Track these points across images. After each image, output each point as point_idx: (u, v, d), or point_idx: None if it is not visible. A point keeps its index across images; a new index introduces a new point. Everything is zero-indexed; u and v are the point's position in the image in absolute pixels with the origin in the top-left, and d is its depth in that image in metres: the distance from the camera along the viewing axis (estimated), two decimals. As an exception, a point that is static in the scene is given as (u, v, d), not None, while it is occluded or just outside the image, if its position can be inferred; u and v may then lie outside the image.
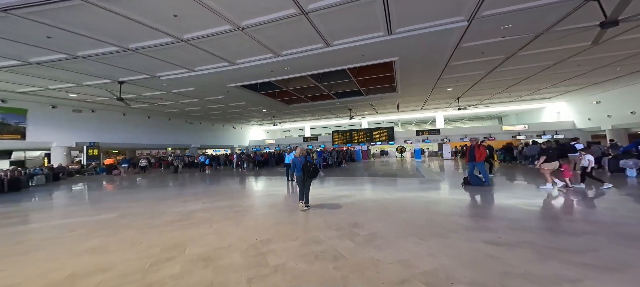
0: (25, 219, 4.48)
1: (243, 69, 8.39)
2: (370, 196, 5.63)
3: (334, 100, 15.22)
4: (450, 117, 23.24)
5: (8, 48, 5.94)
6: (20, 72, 7.64)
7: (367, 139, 22.94)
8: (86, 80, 8.86)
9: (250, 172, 12.69)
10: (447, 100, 16.03)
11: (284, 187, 7.52)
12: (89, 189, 8.26)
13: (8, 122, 11.15)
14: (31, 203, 6.18)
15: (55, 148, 13.31)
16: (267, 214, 4.31)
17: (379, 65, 9.26)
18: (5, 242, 3.33)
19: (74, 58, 6.72)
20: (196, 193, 6.78)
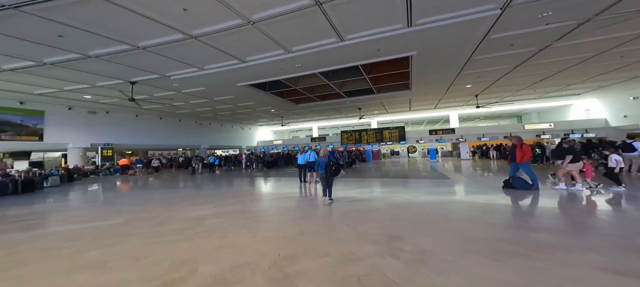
0: (26, 225, 4.20)
1: (252, 67, 8.18)
2: (397, 200, 5.12)
3: (344, 99, 14.85)
4: (464, 116, 22.31)
5: (22, 48, 5.96)
6: (36, 73, 7.74)
7: (377, 139, 22.37)
8: (99, 81, 8.92)
9: (259, 173, 12.49)
10: (464, 98, 15.29)
11: (297, 188, 7.20)
12: (99, 191, 8.20)
13: (26, 123, 11.47)
14: (39, 206, 5.98)
15: (72, 149, 13.63)
16: (285, 221, 3.93)
17: (394, 61, 8.84)
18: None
19: (86, 58, 6.70)
20: (207, 195, 6.53)
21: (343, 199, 5.43)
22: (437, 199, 5.14)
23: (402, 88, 12.97)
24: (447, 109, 19.68)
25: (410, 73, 10.07)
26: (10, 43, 5.61)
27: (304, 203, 5.26)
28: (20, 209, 5.55)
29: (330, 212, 4.34)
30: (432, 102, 16.63)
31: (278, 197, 5.98)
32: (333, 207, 4.62)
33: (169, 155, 22.08)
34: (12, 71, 7.40)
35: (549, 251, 2.49)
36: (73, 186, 9.81)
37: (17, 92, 9.89)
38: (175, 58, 7.20)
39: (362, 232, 3.26)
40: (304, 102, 15.62)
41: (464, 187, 6.58)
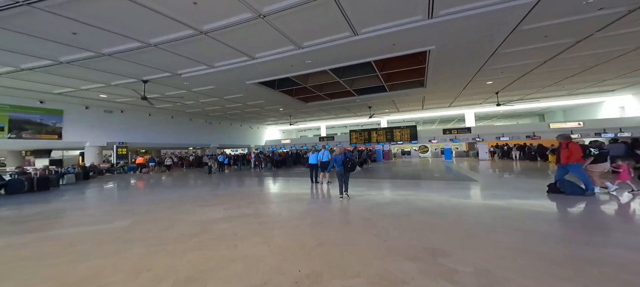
0: (27, 227, 3.97)
1: (262, 63, 8.02)
2: (424, 205, 4.66)
3: (354, 97, 14.48)
4: (480, 115, 21.34)
5: (39, 47, 6.05)
6: (54, 72, 7.92)
7: (387, 138, 21.80)
8: (113, 80, 9.05)
9: (268, 173, 12.36)
10: (483, 96, 14.52)
11: (309, 189, 6.93)
12: (111, 190, 8.24)
13: (46, 122, 11.89)
14: (48, 205, 5.81)
15: (89, 147, 14.05)
16: (301, 227, 3.57)
17: (409, 56, 8.42)
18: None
19: (100, 56, 6.75)
20: (216, 196, 6.32)
21: (361, 202, 5.08)
22: (471, 204, 4.68)
23: (415, 85, 12.46)
24: (463, 107, 18.85)
25: (426, 69, 9.60)
26: (27, 41, 5.69)
27: (318, 206, 4.95)
28: (28, 209, 5.47)
29: (350, 217, 4.02)
30: (447, 100, 15.94)
31: (290, 199, 5.68)
32: (351, 211, 4.34)
33: (180, 154, 22.52)
34: (30, 70, 7.59)
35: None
36: (88, 184, 10.02)
37: (37, 92, 10.23)
38: (185, 55, 7.14)
39: (394, 244, 2.85)
40: (313, 100, 15.39)
41: (498, 190, 5.95)
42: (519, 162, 14.10)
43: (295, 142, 27.02)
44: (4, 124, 10.59)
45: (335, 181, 7.88)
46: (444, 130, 20.23)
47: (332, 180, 7.27)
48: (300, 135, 32.99)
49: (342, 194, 5.39)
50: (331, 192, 6.28)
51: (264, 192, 6.74)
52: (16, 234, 3.63)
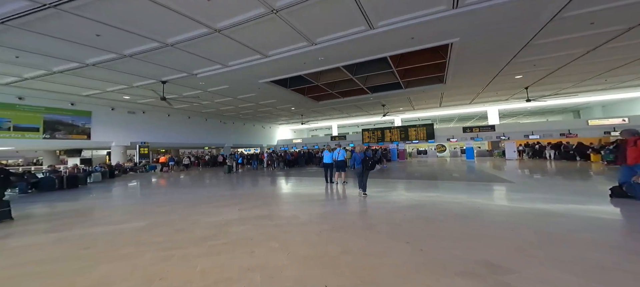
0: (47, 226, 3.99)
1: (275, 61, 7.95)
2: (457, 209, 4.16)
3: (368, 95, 14.09)
4: (504, 112, 19.96)
5: (67, 50, 6.40)
6: (82, 74, 8.39)
7: (401, 137, 21.09)
8: (135, 82, 9.44)
9: (281, 172, 12.31)
10: (510, 91, 13.52)
11: (324, 190, 6.67)
12: (132, 189, 8.48)
13: (76, 123, 12.74)
14: (72, 203, 5.93)
15: (114, 147, 14.89)
16: (323, 233, 3.25)
17: (429, 50, 7.96)
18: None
19: (122, 57, 7.02)
20: (231, 196, 6.22)
21: (383, 204, 4.75)
22: (516, 209, 4.11)
23: (434, 81, 11.84)
24: (485, 104, 17.70)
25: (446, 64, 9.04)
26: (55, 44, 6.03)
27: (337, 208, 4.69)
28: (52, 207, 5.62)
29: (373, 221, 3.71)
30: (468, 97, 15.04)
31: (306, 200, 5.42)
32: (374, 215, 4.05)
33: (196, 153, 23.31)
34: (61, 73, 8.09)
35: None
36: (113, 182, 10.51)
37: (68, 94, 10.95)
38: (201, 55, 7.24)
39: (433, 254, 2.47)
40: (325, 99, 15.19)
41: (542, 194, 5.19)
42: (554, 162, 12.91)
43: (307, 142, 27.12)
44: (39, 125, 11.46)
45: (350, 181, 7.64)
46: (464, 128, 19.16)
47: (347, 180, 6.96)
48: (312, 135, 32.99)
49: (360, 191, 5.42)
50: (348, 193, 6.01)
51: (278, 193, 6.60)
52: (34, 233, 3.67)
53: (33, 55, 6.62)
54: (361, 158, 5.42)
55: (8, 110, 10.52)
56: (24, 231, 3.80)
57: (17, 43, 5.88)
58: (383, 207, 4.54)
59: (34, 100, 11.10)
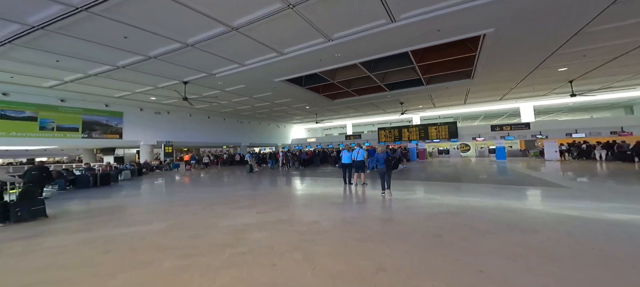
0: (74, 226, 4.02)
1: (290, 59, 7.87)
2: (510, 217, 3.64)
3: (385, 92, 13.57)
4: (539, 108, 18.15)
5: (100, 52, 6.85)
6: (114, 77, 8.99)
7: (420, 136, 20.10)
8: (160, 83, 9.94)
9: (296, 172, 12.24)
10: (550, 85, 12.22)
11: (344, 191, 6.37)
12: (156, 187, 8.75)
13: (110, 123, 13.80)
14: (101, 201, 6.08)
15: (143, 146, 15.92)
16: (350, 243, 2.91)
17: (456, 43, 7.37)
18: (13, 269, 2.59)
19: (148, 59, 7.37)
20: (248, 196, 6.05)
21: (412, 208, 4.35)
22: (587, 219, 3.48)
23: (460, 77, 11.03)
24: (518, 100, 16.21)
25: (476, 57, 8.32)
26: (89, 47, 6.47)
27: (361, 212, 4.34)
28: (83, 205, 5.80)
29: (407, 229, 3.32)
30: (498, 93, 13.86)
31: (325, 203, 5.10)
32: (406, 221, 3.70)
33: (215, 152, 24.23)
34: (96, 76, 8.73)
35: None
36: (140, 179, 11.12)
37: (103, 96, 11.85)
38: (219, 54, 7.37)
39: (501, 277, 2.01)
40: (340, 97, 14.92)
41: (613, 203, 4.31)
42: (606, 164, 11.35)
43: (321, 141, 27.07)
44: (79, 125, 12.56)
45: (369, 182, 7.29)
46: (493, 126, 17.73)
47: (366, 182, 6.60)
48: (326, 134, 32.85)
49: (384, 191, 5.39)
50: (370, 196, 5.67)
51: (296, 194, 6.41)
52: (60, 233, 3.68)
53: (71, 59, 7.18)
54: (384, 158, 5.41)
55: (52, 111, 11.64)
56: (52, 230, 3.88)
57: (56, 47, 6.39)
58: (414, 212, 4.14)
59: (74, 102, 12.18)
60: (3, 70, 7.78)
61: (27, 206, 4.25)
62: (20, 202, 4.24)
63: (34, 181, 6.07)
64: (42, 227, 3.99)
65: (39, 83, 9.37)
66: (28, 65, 7.48)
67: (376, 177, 6.66)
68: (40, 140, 11.39)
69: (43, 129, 11.35)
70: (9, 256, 2.97)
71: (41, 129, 11.30)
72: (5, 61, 7.11)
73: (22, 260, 2.84)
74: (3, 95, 10.13)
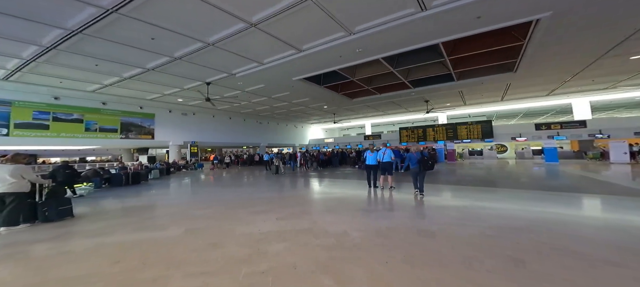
0: (93, 228, 3.92)
1: (309, 56, 7.61)
2: (620, 239, 2.85)
3: (409, 90, 12.69)
4: (595, 104, 15.63)
5: (130, 55, 7.26)
6: (145, 79, 9.56)
7: (448, 136, 18.58)
8: (185, 84, 10.38)
9: (314, 173, 11.92)
10: (615, 77, 10.43)
11: (370, 195, 5.88)
12: (179, 187, 8.79)
13: (144, 124, 14.89)
14: (127, 200, 6.14)
15: (171, 146, 16.94)
16: (391, 263, 2.40)
17: (497, 32, 6.46)
18: (6, 278, 2.41)
19: (173, 60, 7.64)
20: (268, 200, 5.71)
21: (464, 221, 3.65)
22: None
23: (500, 70, 9.85)
24: (571, 96, 14.08)
25: (523, 48, 7.26)
26: (122, 51, 6.87)
27: (398, 222, 3.69)
28: (110, 204, 5.75)
29: (470, 252, 2.60)
30: (547, 87, 12.17)
31: (352, 209, 4.59)
32: (460, 237, 3.07)
33: (235, 152, 25.06)
34: (130, 79, 9.35)
35: None
36: (168, 178, 11.49)
37: (137, 98, 12.78)
38: (238, 53, 7.37)
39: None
40: (360, 96, 14.35)
41: None
42: None
43: (339, 141, 26.69)
44: (117, 127, 13.72)
45: (399, 186, 6.66)
46: (538, 125, 15.67)
47: (394, 185, 6.00)
48: (343, 134, 32.34)
49: (416, 190, 5.27)
50: (401, 201, 5.07)
51: (318, 198, 5.97)
52: (78, 237, 3.57)
53: (107, 63, 7.72)
54: (418, 158, 5.24)
55: (95, 114, 12.84)
56: (71, 233, 3.76)
57: (94, 51, 6.89)
58: (466, 224, 3.47)
59: (113, 105, 13.32)
60: (53, 75, 8.66)
61: (54, 206, 4.22)
62: (47, 202, 4.23)
63: (61, 180, 6.30)
64: (63, 229, 3.91)
65: (83, 87, 10.34)
66: (72, 69, 8.22)
67: (403, 180, 5.95)
68: (85, 140, 12.63)
69: (88, 130, 12.58)
70: (14, 261, 2.86)
71: (86, 130, 12.52)
72: (53, 67, 7.88)
73: (24, 267, 2.69)
74: (55, 99, 11.39)
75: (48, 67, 7.86)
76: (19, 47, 6.47)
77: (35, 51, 6.63)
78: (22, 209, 3.95)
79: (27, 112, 10.73)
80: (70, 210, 4.46)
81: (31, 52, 6.72)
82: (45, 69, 8.02)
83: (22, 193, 3.94)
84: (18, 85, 9.63)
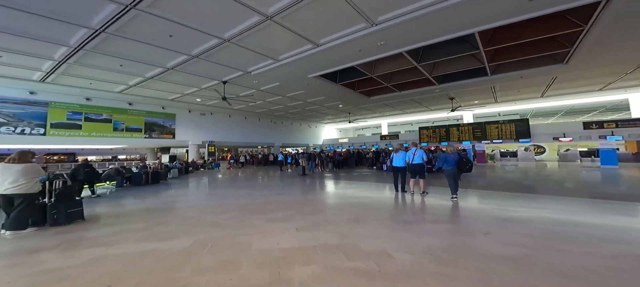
0: (100, 235, 3.58)
1: (327, 51, 7.18)
2: None
3: (433, 86, 11.74)
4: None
5: (150, 54, 7.34)
6: (166, 79, 9.76)
7: (474, 136, 17.11)
8: (203, 83, 10.47)
9: (330, 174, 11.42)
10: None
11: (393, 197, 5.28)
12: (195, 188, 8.40)
13: (166, 124, 15.45)
14: (143, 201, 5.96)
15: (191, 146, 17.44)
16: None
17: (549, 17, 5.53)
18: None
19: (191, 58, 7.63)
20: (285, 204, 5.18)
21: (542, 239, 2.91)
22: None
23: (546, 62, 8.66)
24: (629, 90, 12.18)
25: (582, 34, 6.18)
26: (142, 50, 6.96)
27: (450, 240, 3.00)
28: (125, 206, 5.52)
29: (560, 279, 2.07)
30: (602, 80, 10.59)
31: (383, 218, 3.96)
32: (543, 264, 2.34)
33: (250, 152, 25.36)
34: (152, 79, 9.58)
35: None
36: (186, 178, 11.57)
37: (159, 99, 13.22)
38: (254, 49, 7.14)
39: None
40: (378, 93, 13.65)
41: None
42: None
43: (353, 141, 26.06)
44: (142, 126, 14.33)
45: (431, 190, 5.98)
46: (586, 124, 13.80)
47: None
48: (358, 134, 31.55)
49: (455, 197, 4.94)
50: (439, 209, 4.44)
51: (340, 203, 5.24)
52: (80, 246, 3.24)
53: (130, 62, 7.90)
54: (455, 159, 5.03)
55: (122, 114, 13.50)
56: (75, 240, 3.45)
57: (118, 51, 7.05)
58: (559, 250, 2.63)
59: (139, 105, 13.92)
60: (82, 76, 9.09)
61: (63, 209, 3.97)
62: (57, 204, 3.97)
63: (81, 179, 6.33)
64: (69, 235, 3.59)
65: (111, 88, 10.83)
66: (99, 70, 8.55)
67: (433, 183, 5.32)
68: (113, 139, 13.32)
69: (116, 130, 13.25)
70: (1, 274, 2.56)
71: (114, 129, 13.20)
72: (83, 68, 8.24)
73: (8, 282, 2.39)
74: (87, 100, 12.11)
75: (78, 68, 8.24)
76: (51, 49, 6.78)
77: (64, 52, 6.91)
78: (32, 212, 3.72)
79: (62, 112, 11.51)
80: (80, 213, 4.23)
81: (61, 54, 7.02)
82: (76, 70, 8.43)
83: (32, 194, 3.70)
84: (54, 87, 10.31)
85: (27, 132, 10.51)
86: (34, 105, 10.72)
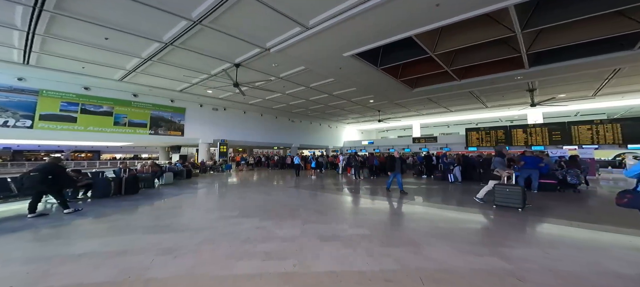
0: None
1: (379, 9, 4.80)
2: None
3: (515, 71, 8.74)
4: None
5: (143, 22, 5.37)
6: (167, 61, 7.90)
7: (551, 139, 13.58)
8: (212, 67, 8.50)
9: (369, 184, 8.76)
10: None
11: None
12: (195, 196, 6.63)
13: (174, 120, 13.76)
14: (125, 216, 4.26)
15: (201, 144, 15.68)
16: None
17: None
18: None
19: (193, 25, 5.57)
20: (303, 223, 3.83)
21: None
22: None
23: None
24: None
25: None
26: (125, 9, 4.92)
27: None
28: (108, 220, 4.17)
29: None
30: None
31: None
32: None
33: (266, 153, 23.41)
34: (151, 62, 7.76)
35: None
36: (185, 184, 8.93)
37: (167, 89, 11.44)
38: (275, 7, 4.81)
39: None
40: (425, 84, 10.90)
41: None
42: None
43: (378, 144, 23.73)
44: (147, 121, 12.71)
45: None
46: None
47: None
48: (381, 136, 28.76)
49: None
50: None
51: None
52: None
53: (116, 33, 6.01)
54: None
55: (125, 107, 11.93)
56: None
57: (89, 14, 5.11)
58: None
59: (145, 97, 12.34)
60: (67, 56, 7.39)
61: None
62: None
63: (35, 186, 4.30)
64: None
65: (109, 74, 9.17)
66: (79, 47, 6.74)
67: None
68: (113, 135, 11.75)
69: (117, 124, 11.68)
70: None
71: (115, 124, 11.63)
72: (58, 43, 6.47)
73: None
74: (85, 89, 10.62)
75: (54, 45, 6.56)
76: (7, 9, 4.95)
77: (23, 13, 5.06)
78: None
79: (54, 102, 10.02)
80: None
81: (21, 17, 5.19)
82: (51, 46, 6.73)
83: None
84: (45, 73, 8.81)
85: (11, 124, 9.08)
86: (21, 93, 9.30)
